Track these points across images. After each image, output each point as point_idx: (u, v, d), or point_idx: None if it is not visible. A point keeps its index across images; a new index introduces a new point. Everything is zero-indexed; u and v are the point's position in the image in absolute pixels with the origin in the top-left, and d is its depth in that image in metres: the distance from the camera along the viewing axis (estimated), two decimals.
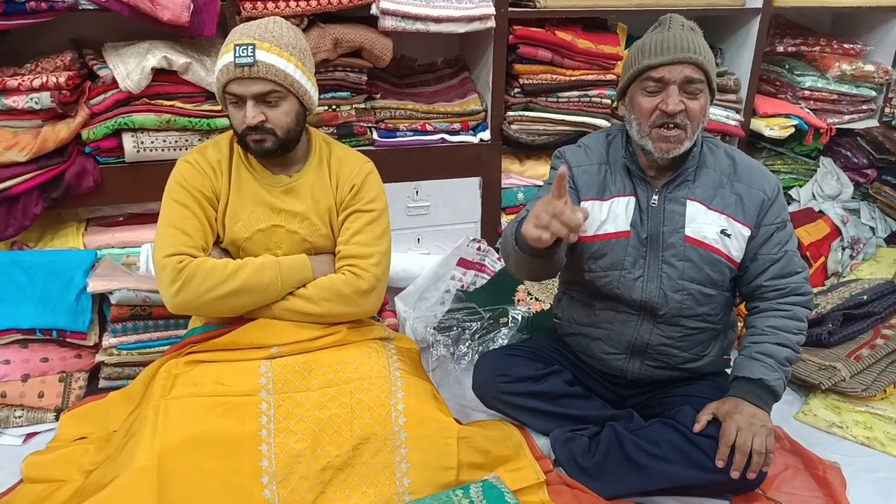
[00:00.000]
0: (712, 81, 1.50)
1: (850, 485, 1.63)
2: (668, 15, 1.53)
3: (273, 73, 1.48)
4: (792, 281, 1.58)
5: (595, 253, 1.61)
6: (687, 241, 1.55)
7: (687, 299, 1.58)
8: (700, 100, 1.49)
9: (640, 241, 1.58)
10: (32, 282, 1.88)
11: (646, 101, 1.50)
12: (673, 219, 1.56)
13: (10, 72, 1.88)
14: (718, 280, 1.58)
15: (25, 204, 1.89)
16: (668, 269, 1.57)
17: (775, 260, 1.57)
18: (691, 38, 1.48)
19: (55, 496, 1.50)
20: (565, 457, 1.63)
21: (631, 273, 1.59)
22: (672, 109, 1.46)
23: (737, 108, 2.54)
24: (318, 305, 1.58)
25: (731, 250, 1.56)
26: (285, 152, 1.59)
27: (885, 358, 2.02)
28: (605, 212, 1.60)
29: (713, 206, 1.56)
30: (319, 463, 1.46)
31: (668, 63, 1.46)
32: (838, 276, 2.60)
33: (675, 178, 1.57)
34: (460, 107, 2.29)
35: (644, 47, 1.50)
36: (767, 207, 1.56)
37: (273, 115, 1.51)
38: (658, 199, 1.57)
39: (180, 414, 1.43)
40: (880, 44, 2.74)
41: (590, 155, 1.65)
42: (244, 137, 1.54)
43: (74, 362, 1.92)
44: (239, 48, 1.46)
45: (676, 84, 1.46)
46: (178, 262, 1.50)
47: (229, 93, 1.51)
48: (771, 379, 1.51)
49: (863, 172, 2.85)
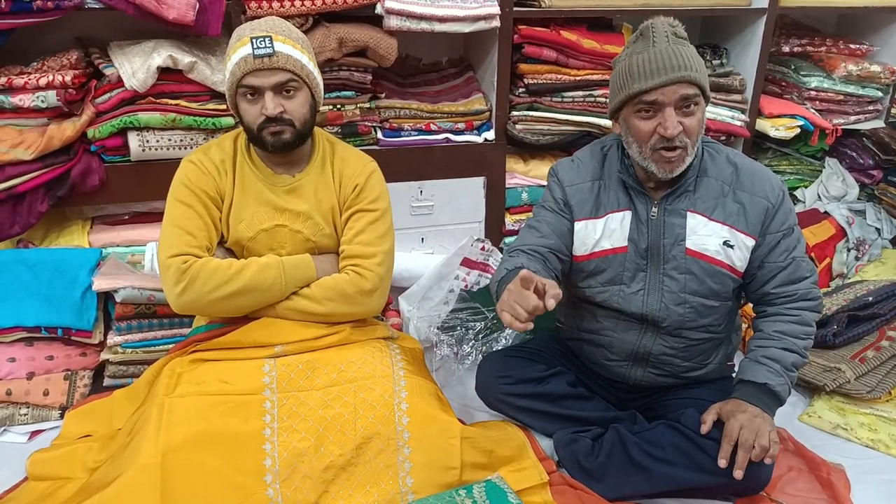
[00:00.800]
0: (706, 90, 1.45)
1: (855, 487, 1.63)
2: (650, 23, 1.45)
3: (291, 64, 1.50)
4: (800, 287, 1.55)
5: (593, 270, 1.60)
6: (688, 253, 1.53)
7: (689, 312, 1.56)
8: (697, 114, 1.44)
9: (640, 255, 1.56)
10: (37, 280, 1.88)
11: (643, 125, 1.45)
12: (673, 231, 1.54)
13: (16, 70, 1.89)
14: (721, 291, 1.56)
15: (31, 202, 1.90)
16: (669, 282, 1.55)
17: (783, 267, 1.54)
18: (680, 52, 1.41)
19: (59, 494, 1.51)
20: (568, 458, 1.62)
21: (630, 287, 1.58)
22: (671, 134, 1.41)
23: (742, 109, 2.53)
24: (321, 305, 1.58)
25: (734, 261, 1.54)
26: (300, 144, 1.60)
27: (890, 360, 2.01)
28: (600, 229, 1.58)
29: (714, 217, 1.53)
30: (323, 462, 1.46)
31: (661, 86, 1.40)
32: (843, 278, 2.59)
33: (674, 190, 1.53)
34: (465, 106, 2.29)
35: (632, 69, 1.43)
36: (773, 215, 1.53)
37: (290, 105, 1.53)
38: (658, 211, 1.54)
39: (184, 412, 1.44)
40: (886, 44, 2.72)
41: (583, 171, 1.62)
42: (260, 132, 1.54)
43: (79, 360, 1.93)
44: (256, 40, 1.48)
45: (672, 105, 1.41)
46: (183, 262, 1.51)
47: (246, 85, 1.51)
48: (776, 384, 1.50)
49: (868, 173, 2.84)
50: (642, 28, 1.47)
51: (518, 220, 2.41)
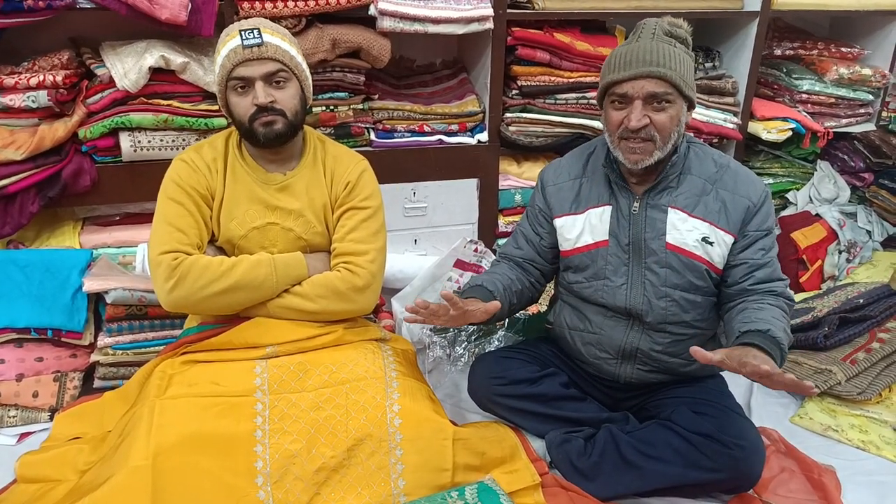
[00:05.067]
0: (684, 90, 1.47)
1: (846, 488, 1.64)
2: (643, 21, 1.52)
3: (280, 54, 1.52)
4: (777, 286, 1.54)
5: (577, 265, 1.64)
6: (668, 247, 1.55)
7: (671, 306, 1.57)
8: (669, 111, 1.47)
9: (622, 249, 1.59)
10: (28, 281, 1.87)
11: (614, 115, 1.51)
12: (654, 225, 1.56)
13: (7, 70, 1.87)
14: (702, 286, 1.57)
15: (22, 202, 1.88)
16: (650, 275, 1.57)
17: (760, 265, 1.54)
18: (658, 49, 1.45)
19: (49, 496, 1.50)
20: (561, 458, 1.63)
21: (614, 281, 1.60)
22: (634, 126, 1.46)
23: (734, 111, 2.54)
24: (313, 302, 1.58)
25: (713, 257, 1.55)
26: (292, 137, 1.60)
27: (880, 361, 2.02)
28: (581, 224, 1.63)
29: (695, 214, 1.55)
30: (314, 464, 1.45)
31: (630, 79, 1.45)
32: (835, 280, 2.60)
33: (656, 186, 1.57)
34: (458, 108, 2.29)
35: (610, 61, 1.51)
36: (753, 214, 1.55)
37: (281, 96, 1.55)
38: (639, 206, 1.58)
39: (175, 414, 1.43)
40: (878, 48, 2.74)
41: (564, 171, 1.70)
42: (252, 123, 1.54)
43: (69, 362, 1.92)
44: (245, 32, 1.51)
45: (640, 99, 1.46)
46: (173, 259, 1.50)
47: (236, 77, 1.52)
48: (776, 330, 1.40)
49: (860, 176, 2.86)
50: (636, 26, 1.53)
51: (511, 221, 2.41)
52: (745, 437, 1.51)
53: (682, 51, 1.49)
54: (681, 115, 1.50)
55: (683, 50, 1.49)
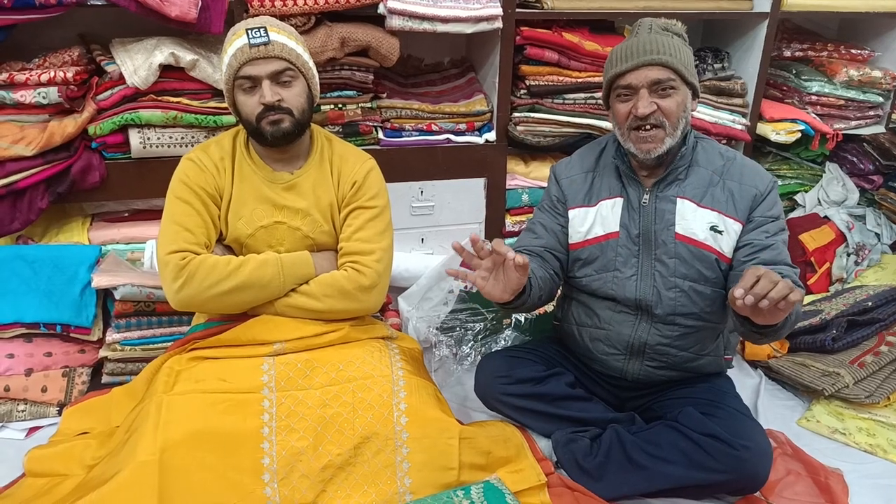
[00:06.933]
0: (686, 76, 1.51)
1: (852, 491, 1.63)
2: (639, 21, 1.56)
3: (287, 53, 1.52)
4: (783, 269, 1.46)
5: (588, 258, 1.65)
6: (677, 238, 1.57)
7: (681, 297, 1.58)
8: (675, 97, 1.51)
9: (632, 240, 1.61)
10: (37, 276, 1.88)
11: (621, 107, 1.55)
12: (664, 217, 1.59)
13: (17, 66, 1.89)
14: (711, 277, 1.58)
15: (31, 198, 1.89)
16: (660, 266, 1.59)
17: (764, 246, 1.52)
18: (656, 40, 1.50)
19: (57, 490, 1.50)
20: (567, 458, 1.63)
21: (623, 273, 1.61)
22: (642, 112, 1.50)
23: (743, 113, 2.53)
24: (320, 302, 1.58)
25: (722, 246, 1.56)
26: (299, 136, 1.60)
27: (888, 365, 2.01)
28: (593, 216, 1.65)
29: (703, 204, 1.57)
30: (321, 461, 1.46)
31: (632, 69, 1.50)
32: (843, 283, 2.59)
33: (665, 177, 1.59)
34: (466, 107, 2.29)
35: (612, 57, 1.55)
36: (760, 201, 1.57)
37: (288, 94, 1.55)
38: (649, 197, 1.60)
39: (183, 410, 1.43)
40: (888, 50, 2.73)
41: (577, 165, 1.72)
42: (259, 122, 1.55)
43: (78, 357, 1.93)
44: (251, 30, 1.50)
45: (645, 87, 1.50)
46: (181, 259, 1.51)
47: (243, 76, 1.52)
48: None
49: (869, 178, 2.84)
50: (633, 25, 1.57)
51: (518, 221, 2.41)
52: (752, 439, 1.51)
53: (680, 42, 1.53)
54: (686, 101, 1.54)
55: (681, 41, 1.54)
